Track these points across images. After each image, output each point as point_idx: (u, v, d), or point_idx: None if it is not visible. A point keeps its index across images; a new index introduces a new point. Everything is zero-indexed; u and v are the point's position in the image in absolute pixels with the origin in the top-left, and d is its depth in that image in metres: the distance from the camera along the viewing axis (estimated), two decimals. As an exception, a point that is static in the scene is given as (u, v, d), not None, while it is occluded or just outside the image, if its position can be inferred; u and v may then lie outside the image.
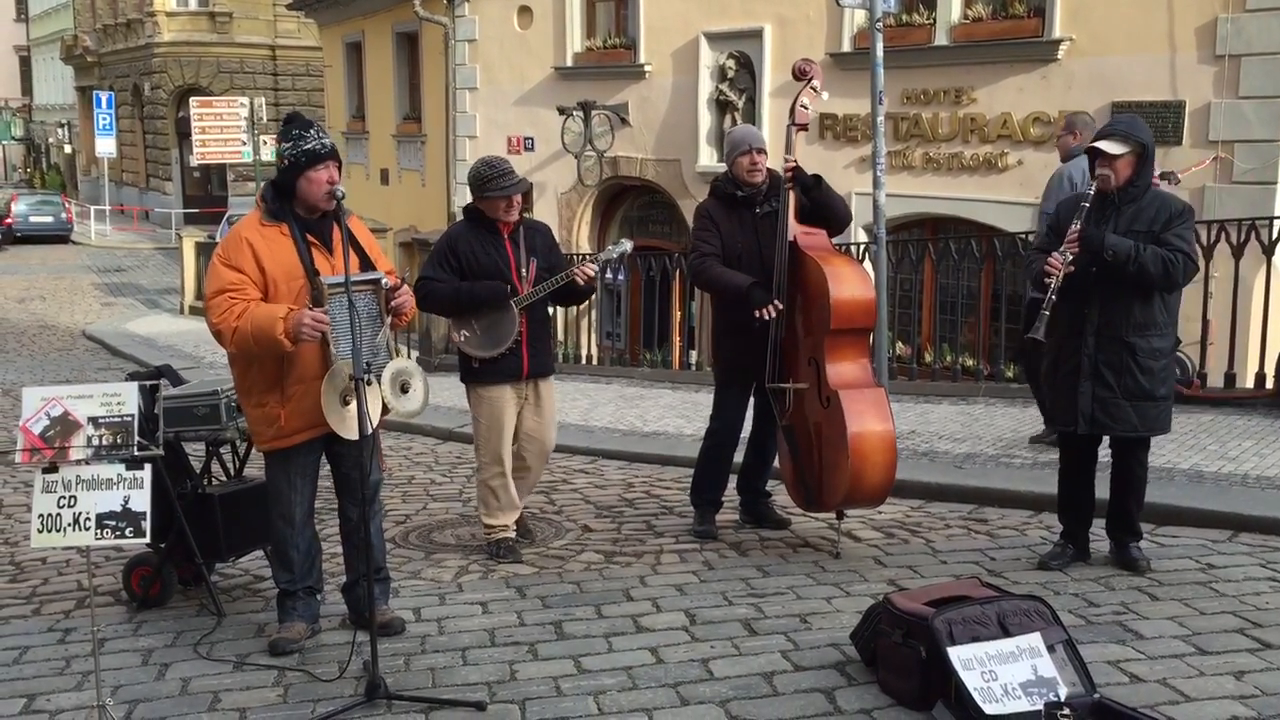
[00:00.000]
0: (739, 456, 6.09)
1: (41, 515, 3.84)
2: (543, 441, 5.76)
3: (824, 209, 5.62)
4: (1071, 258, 4.88)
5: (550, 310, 5.99)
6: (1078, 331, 4.99)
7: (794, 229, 5.56)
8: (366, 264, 4.49)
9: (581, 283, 5.54)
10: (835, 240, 5.91)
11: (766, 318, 5.47)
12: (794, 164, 5.55)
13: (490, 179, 5.49)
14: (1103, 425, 5.04)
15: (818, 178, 5.62)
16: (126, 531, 3.85)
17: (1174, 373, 5.38)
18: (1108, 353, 4.97)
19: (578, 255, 12.33)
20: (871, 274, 8.10)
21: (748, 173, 5.66)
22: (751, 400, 5.93)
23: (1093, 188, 4.94)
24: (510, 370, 5.59)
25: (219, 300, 4.36)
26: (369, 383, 4.20)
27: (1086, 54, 11.17)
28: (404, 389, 4.41)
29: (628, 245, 6.01)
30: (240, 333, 4.30)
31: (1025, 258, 5.27)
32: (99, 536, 3.83)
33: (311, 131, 4.43)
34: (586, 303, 12.10)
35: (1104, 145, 4.92)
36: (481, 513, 5.83)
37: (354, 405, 4.20)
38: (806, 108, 5.64)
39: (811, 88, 5.64)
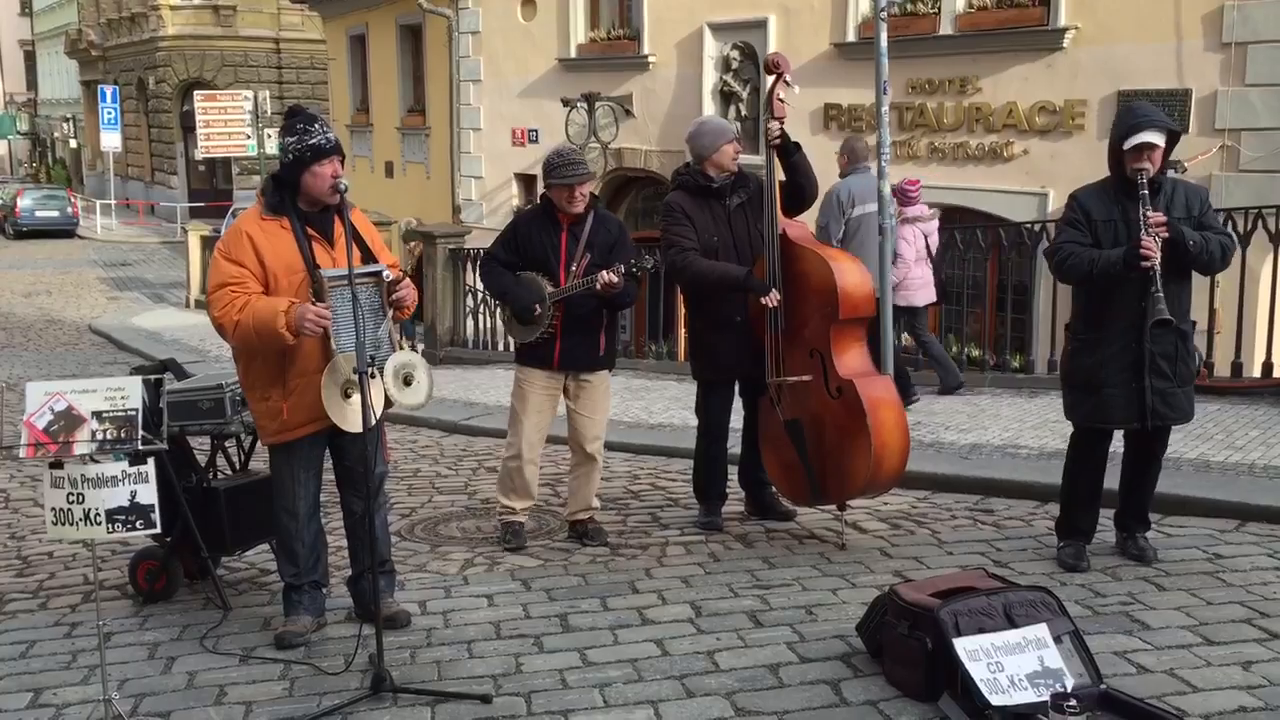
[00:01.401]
0: (736, 448, 6.09)
1: (54, 509, 3.86)
2: (581, 434, 5.73)
3: (801, 175, 5.57)
4: (1161, 241, 4.75)
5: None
6: (1137, 326, 4.88)
7: (781, 221, 5.53)
8: (368, 257, 4.49)
9: (600, 289, 5.45)
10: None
11: (772, 305, 5.45)
12: (777, 126, 5.51)
13: (556, 167, 5.54)
14: (1163, 417, 4.99)
15: (797, 144, 5.60)
16: (137, 524, 3.86)
17: None
18: (1162, 344, 4.91)
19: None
20: (875, 265, 8.09)
21: (731, 161, 5.67)
22: (739, 394, 5.93)
23: (1142, 178, 4.80)
24: (541, 358, 5.64)
25: (220, 294, 4.36)
26: (372, 375, 4.20)
27: (1092, 42, 11.13)
28: (407, 381, 4.40)
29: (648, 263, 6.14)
30: (242, 326, 4.30)
31: (1060, 252, 4.98)
32: (110, 530, 3.84)
33: (316, 126, 4.43)
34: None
35: (1151, 137, 4.80)
36: (498, 491, 5.91)
37: (355, 398, 4.21)
38: (783, 100, 5.62)
39: (784, 81, 5.61)
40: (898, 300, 8.61)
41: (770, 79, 5.60)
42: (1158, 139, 4.83)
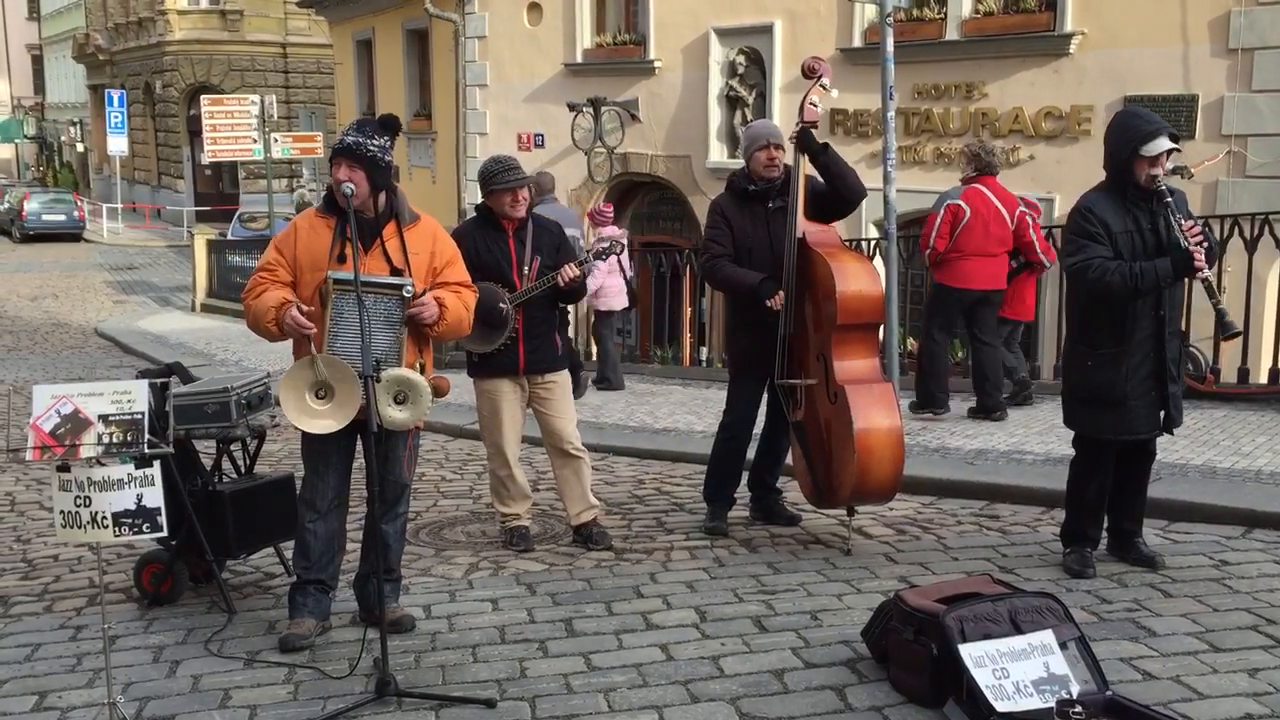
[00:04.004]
0: (751, 452, 6.09)
1: (62, 512, 3.87)
2: (557, 435, 5.77)
3: (835, 178, 5.59)
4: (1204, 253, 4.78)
5: (563, 307, 6.01)
6: (1156, 335, 4.88)
7: (804, 226, 5.56)
8: (405, 270, 4.48)
9: (563, 285, 5.57)
10: (847, 232, 5.93)
11: (778, 306, 5.50)
12: (801, 127, 5.55)
13: (495, 174, 5.64)
14: (1174, 421, 5.03)
15: (825, 145, 5.61)
16: (144, 527, 3.87)
17: None
18: (1173, 349, 4.95)
19: (586, 249, 12.31)
20: (882, 270, 8.09)
21: (765, 167, 5.67)
22: (764, 396, 5.94)
23: (1159, 184, 4.78)
24: (506, 365, 5.67)
25: (254, 278, 4.56)
26: (378, 381, 4.21)
27: (1098, 47, 11.13)
28: (399, 399, 4.37)
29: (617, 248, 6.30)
30: (250, 312, 4.52)
31: (1094, 268, 4.78)
32: (117, 534, 3.86)
33: (346, 128, 4.54)
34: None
35: (1170, 144, 4.78)
36: (494, 502, 5.95)
37: (325, 402, 4.27)
38: (816, 105, 5.65)
39: (821, 85, 5.66)
40: (598, 305, 10.31)
41: (807, 84, 5.66)
42: (1171, 145, 4.82)
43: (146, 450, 3.87)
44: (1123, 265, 4.79)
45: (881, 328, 6.36)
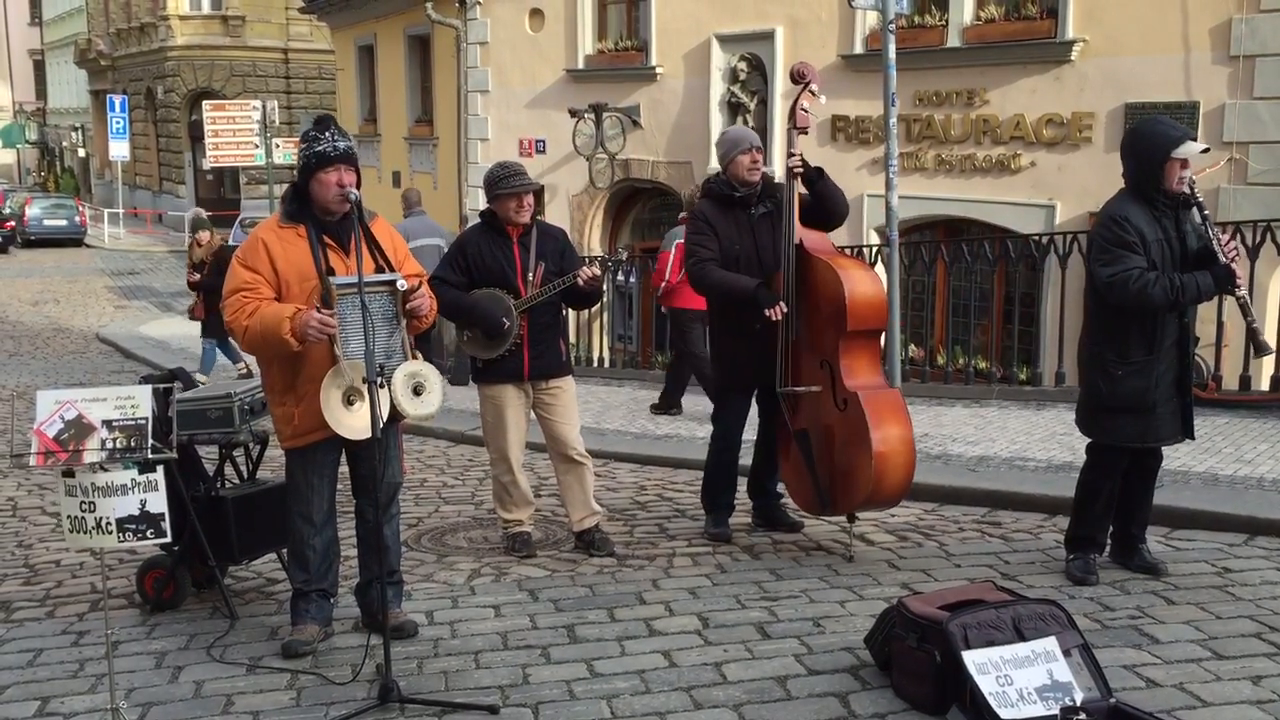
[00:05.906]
0: (747, 460, 6.08)
1: (70, 517, 3.87)
2: (561, 441, 5.76)
3: (826, 200, 5.59)
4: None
5: (563, 313, 6.02)
6: (1180, 342, 4.90)
7: (800, 232, 5.54)
8: (386, 267, 4.49)
9: (583, 284, 5.55)
10: (836, 238, 5.91)
11: (776, 318, 5.46)
12: (798, 157, 5.53)
13: (501, 179, 5.63)
14: (1192, 428, 5.08)
15: (820, 170, 5.61)
16: (148, 533, 3.87)
17: None
18: (1189, 354, 4.99)
19: (589, 258, 12.34)
20: (884, 276, 8.09)
21: (748, 171, 5.67)
22: (756, 403, 5.93)
23: (1189, 189, 4.80)
24: (511, 371, 5.66)
25: (233, 300, 4.45)
26: (381, 385, 4.20)
27: (1100, 55, 11.13)
28: (417, 391, 4.39)
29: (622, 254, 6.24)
30: (250, 332, 4.39)
31: (1135, 280, 4.71)
32: (121, 539, 3.85)
33: (326, 134, 4.46)
34: (599, 305, 12.19)
35: (1200, 146, 4.80)
36: (497, 507, 5.94)
37: (358, 406, 4.24)
38: (807, 110, 5.63)
39: (810, 91, 5.62)
40: None
41: (797, 89, 5.64)
42: (1203, 147, 4.85)
43: (150, 455, 3.87)
44: (1163, 278, 4.74)
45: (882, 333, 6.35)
